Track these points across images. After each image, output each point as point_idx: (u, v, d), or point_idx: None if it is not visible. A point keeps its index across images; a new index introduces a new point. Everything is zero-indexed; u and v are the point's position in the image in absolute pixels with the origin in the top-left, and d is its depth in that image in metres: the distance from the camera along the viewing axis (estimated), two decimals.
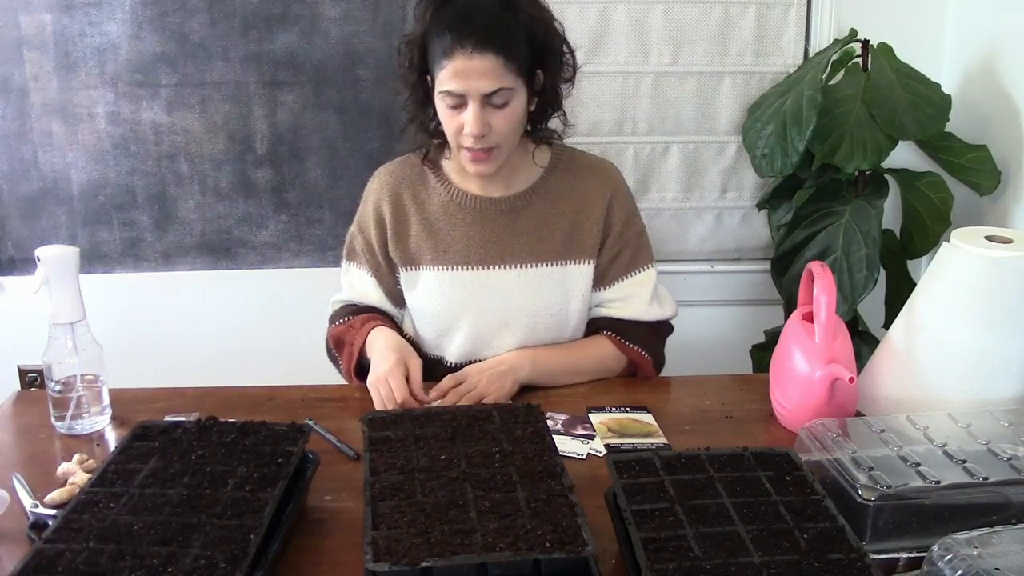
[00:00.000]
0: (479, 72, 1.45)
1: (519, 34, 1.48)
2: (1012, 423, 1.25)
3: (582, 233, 1.64)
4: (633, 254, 1.67)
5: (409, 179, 1.67)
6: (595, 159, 1.71)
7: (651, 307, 1.67)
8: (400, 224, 1.65)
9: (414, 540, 0.98)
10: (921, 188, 2.08)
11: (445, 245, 1.63)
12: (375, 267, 1.68)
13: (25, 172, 2.24)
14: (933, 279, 1.45)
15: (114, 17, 2.16)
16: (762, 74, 2.24)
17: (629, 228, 1.67)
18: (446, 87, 1.47)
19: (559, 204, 1.64)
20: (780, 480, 1.10)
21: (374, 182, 1.70)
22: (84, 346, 1.45)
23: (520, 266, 1.63)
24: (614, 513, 1.12)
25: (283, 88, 2.23)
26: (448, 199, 1.64)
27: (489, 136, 1.50)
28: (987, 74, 2.06)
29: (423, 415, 1.28)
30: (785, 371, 1.45)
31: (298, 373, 1.66)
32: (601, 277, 1.67)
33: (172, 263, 2.34)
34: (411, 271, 1.66)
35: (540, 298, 1.63)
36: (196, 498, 1.08)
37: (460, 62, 1.45)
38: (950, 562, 0.94)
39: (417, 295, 1.66)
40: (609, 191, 1.65)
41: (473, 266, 1.63)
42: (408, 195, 1.66)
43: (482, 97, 1.46)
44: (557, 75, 1.58)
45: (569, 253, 1.64)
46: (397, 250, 1.66)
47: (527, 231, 1.63)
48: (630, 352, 1.64)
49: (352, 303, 1.71)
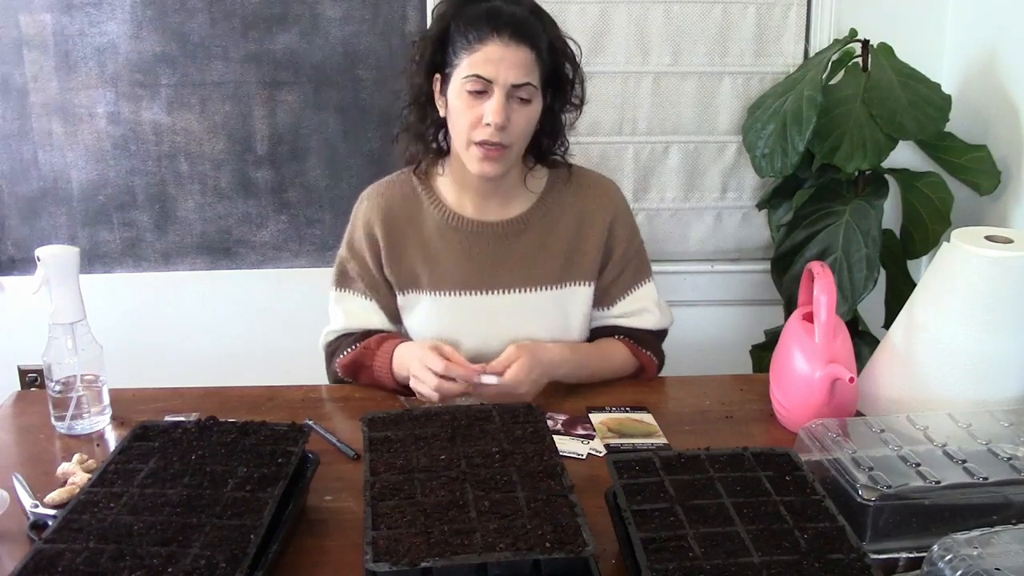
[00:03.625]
0: (512, 61, 1.45)
1: (544, 44, 1.49)
2: (1012, 423, 1.25)
3: (581, 256, 1.62)
4: (634, 271, 1.66)
5: (400, 200, 1.62)
6: (595, 177, 1.68)
7: (661, 318, 1.68)
8: (394, 245, 1.61)
9: (414, 540, 0.98)
10: (921, 188, 2.08)
11: (442, 270, 1.60)
12: (373, 288, 1.63)
13: (25, 172, 2.25)
14: (933, 279, 1.45)
15: (114, 17, 2.16)
16: (762, 74, 2.24)
17: (631, 247, 1.66)
18: (475, 71, 1.45)
19: (557, 227, 1.62)
20: (780, 480, 1.10)
21: (363, 203, 1.65)
22: (84, 346, 1.44)
23: (518, 291, 1.61)
24: (614, 513, 1.12)
25: (283, 88, 2.23)
26: (443, 222, 1.61)
27: (507, 131, 1.48)
28: (987, 74, 2.06)
29: (423, 415, 1.28)
30: (785, 371, 1.45)
31: (298, 373, 1.66)
32: (603, 296, 1.66)
33: (172, 263, 2.34)
34: (408, 294, 1.62)
35: (539, 321, 1.61)
36: (196, 498, 1.08)
37: (495, 48, 1.44)
38: (950, 562, 0.94)
39: (414, 319, 1.64)
40: (611, 215, 1.63)
41: (471, 291, 1.60)
42: (402, 216, 1.61)
43: (509, 88, 1.45)
44: (564, 103, 1.57)
45: (568, 276, 1.62)
46: (393, 272, 1.61)
47: (525, 255, 1.61)
48: (643, 358, 1.65)
49: (351, 331, 1.64)
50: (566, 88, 1.56)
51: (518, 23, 1.46)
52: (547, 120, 1.56)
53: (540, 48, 1.48)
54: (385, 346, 1.58)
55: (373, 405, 1.52)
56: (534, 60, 1.47)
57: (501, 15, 1.46)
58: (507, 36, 1.45)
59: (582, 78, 1.58)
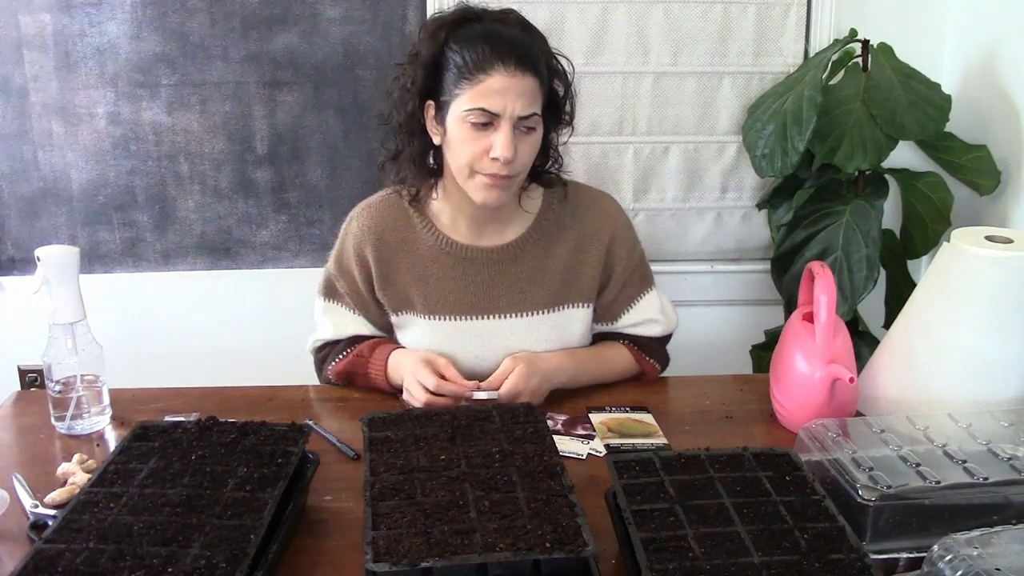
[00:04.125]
0: (519, 91, 1.37)
1: (542, 66, 1.43)
2: (1012, 423, 1.25)
3: (579, 278, 1.59)
4: (636, 284, 1.64)
5: (392, 221, 1.57)
6: (592, 194, 1.63)
7: (666, 325, 1.67)
8: (386, 268, 1.57)
9: (414, 540, 0.98)
10: (921, 188, 2.08)
11: (436, 295, 1.56)
12: (363, 307, 1.61)
13: (25, 172, 2.24)
14: (933, 279, 1.46)
15: (114, 17, 2.16)
16: (762, 74, 2.23)
17: (631, 262, 1.63)
18: (480, 104, 1.37)
19: (554, 249, 1.58)
20: (780, 480, 1.10)
21: (352, 223, 1.59)
22: (84, 346, 1.45)
23: (515, 315, 1.58)
24: (614, 513, 1.12)
25: (283, 88, 2.23)
26: (436, 246, 1.56)
27: (514, 163, 1.41)
28: (987, 74, 2.06)
29: (423, 415, 1.28)
30: (785, 371, 1.45)
31: (298, 373, 1.66)
32: (606, 313, 1.64)
33: (172, 263, 2.34)
34: (402, 315, 1.59)
35: (536, 344, 1.58)
36: (196, 498, 1.08)
37: (501, 79, 1.36)
38: (950, 562, 0.94)
39: (409, 338, 1.61)
40: (608, 234, 1.59)
41: (466, 316, 1.57)
42: (393, 238, 1.56)
43: (516, 120, 1.39)
44: (558, 123, 1.52)
45: (566, 298, 1.59)
46: (385, 295, 1.58)
47: (521, 279, 1.57)
48: (645, 364, 1.65)
49: (340, 339, 1.62)
50: (560, 107, 1.51)
51: (522, 50, 1.38)
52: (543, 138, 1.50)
53: (542, 73, 1.41)
54: (378, 352, 1.57)
55: (373, 405, 1.52)
56: (538, 88, 1.40)
57: (502, 40, 1.38)
58: (512, 65, 1.36)
59: (572, 96, 1.52)
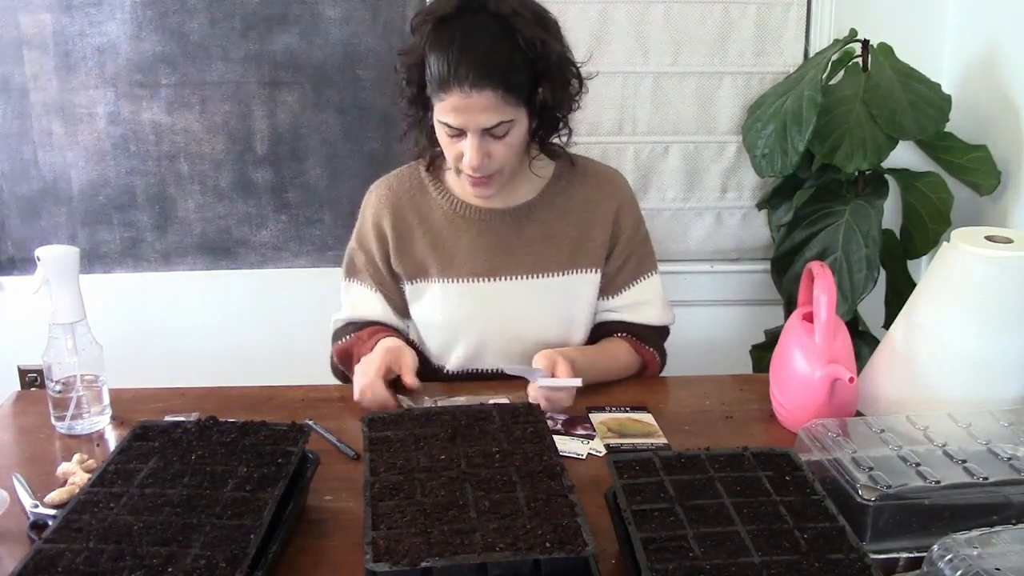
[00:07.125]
0: (477, 108, 1.42)
1: (518, 60, 1.43)
2: (1012, 423, 1.25)
3: (589, 243, 1.63)
4: (639, 261, 1.67)
5: (408, 191, 1.65)
6: (601, 168, 1.69)
7: (663, 312, 1.68)
8: (403, 237, 1.63)
9: (414, 540, 0.98)
10: (921, 188, 2.08)
11: (450, 257, 1.62)
12: (379, 281, 1.66)
13: (25, 172, 2.25)
14: (933, 279, 1.45)
15: (114, 17, 2.16)
16: (762, 74, 2.24)
17: (636, 235, 1.66)
18: (444, 119, 1.45)
19: (565, 214, 1.63)
20: (780, 480, 1.10)
21: (371, 195, 1.67)
22: (84, 346, 1.44)
23: (526, 277, 1.62)
24: (614, 513, 1.12)
25: (283, 88, 2.23)
26: (451, 210, 1.62)
27: (488, 164, 1.48)
28: (987, 74, 2.06)
29: (423, 415, 1.28)
30: (785, 371, 1.45)
31: (298, 373, 1.65)
32: (608, 286, 1.66)
33: (172, 263, 2.34)
34: (416, 283, 1.64)
35: (546, 308, 1.62)
36: (196, 498, 1.08)
37: (457, 99, 1.41)
38: (950, 562, 0.94)
39: (423, 307, 1.65)
40: (617, 202, 1.64)
41: (479, 278, 1.61)
42: (409, 207, 1.63)
43: (481, 130, 1.44)
44: (560, 90, 1.51)
45: (575, 263, 1.63)
46: (401, 263, 1.64)
47: (532, 242, 1.62)
48: (646, 354, 1.65)
49: (355, 321, 1.67)
50: (560, 77, 1.50)
51: (480, 63, 1.40)
52: (548, 115, 1.53)
53: (510, 77, 1.42)
54: (375, 339, 1.59)
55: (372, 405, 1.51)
56: (501, 98, 1.42)
57: (463, 56, 1.40)
58: (467, 85, 1.40)
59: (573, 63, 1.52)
